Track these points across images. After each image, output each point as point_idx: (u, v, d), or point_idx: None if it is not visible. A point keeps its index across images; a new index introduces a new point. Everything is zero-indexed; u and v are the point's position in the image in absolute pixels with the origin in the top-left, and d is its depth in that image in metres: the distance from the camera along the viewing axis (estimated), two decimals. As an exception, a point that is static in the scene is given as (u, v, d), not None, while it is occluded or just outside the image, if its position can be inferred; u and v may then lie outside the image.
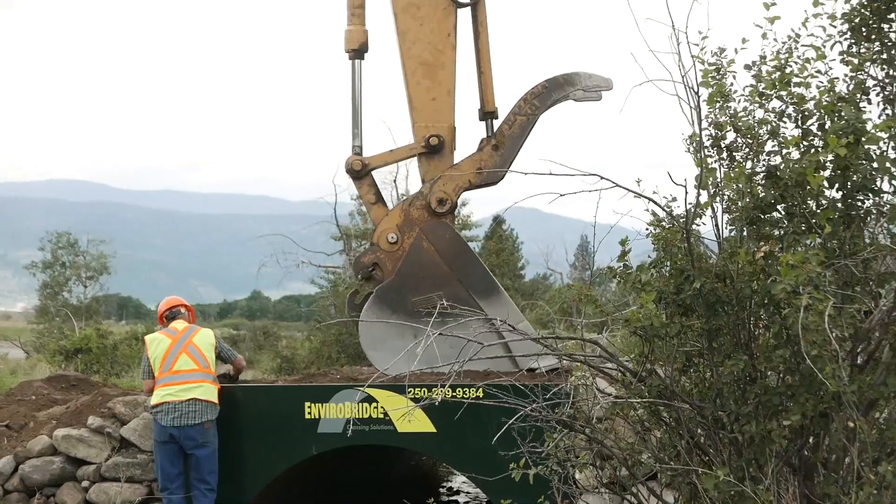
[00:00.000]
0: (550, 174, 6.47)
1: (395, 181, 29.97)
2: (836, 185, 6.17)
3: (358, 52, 12.21)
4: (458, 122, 12.12)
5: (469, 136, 12.35)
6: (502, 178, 11.95)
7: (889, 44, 6.30)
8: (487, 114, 12.33)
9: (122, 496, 11.08)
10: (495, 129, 12.19)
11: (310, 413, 10.97)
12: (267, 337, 35.81)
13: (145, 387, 11.24)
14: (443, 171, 11.89)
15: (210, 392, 10.76)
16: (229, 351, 11.35)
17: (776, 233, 6.37)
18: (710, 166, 6.48)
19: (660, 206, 6.73)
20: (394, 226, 11.87)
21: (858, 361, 6.23)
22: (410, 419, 10.41)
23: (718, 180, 6.46)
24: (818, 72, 6.30)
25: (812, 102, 6.27)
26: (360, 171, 12.03)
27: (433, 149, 11.87)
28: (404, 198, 11.67)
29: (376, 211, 12.12)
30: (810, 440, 6.40)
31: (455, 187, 11.83)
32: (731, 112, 6.49)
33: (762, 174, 6.35)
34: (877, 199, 6.27)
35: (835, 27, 6.32)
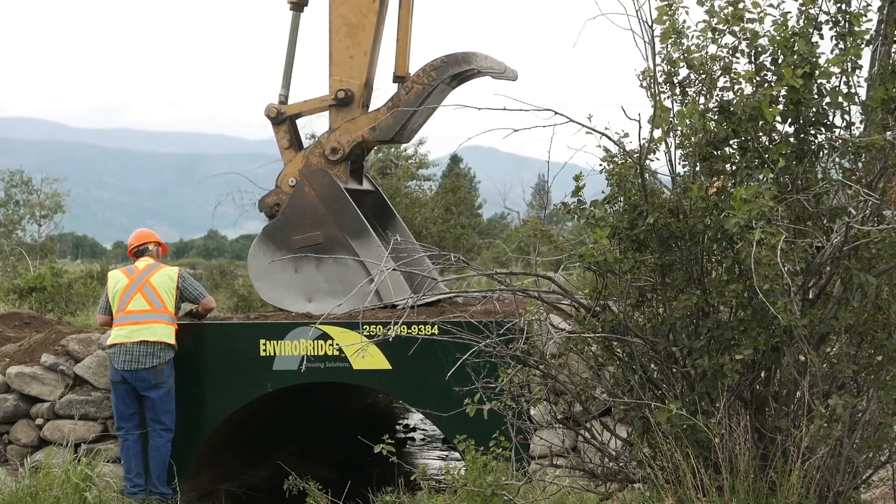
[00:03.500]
0: (505, 109, 6.45)
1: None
2: (789, 120, 6.18)
3: (297, 4, 12.97)
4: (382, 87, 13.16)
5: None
6: (399, 137, 12.82)
7: (842, -22, 6.27)
8: (398, 78, 12.92)
9: (76, 433, 11.07)
10: None
11: (265, 350, 10.98)
12: (224, 276, 35.59)
13: (98, 320, 11.38)
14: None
15: (161, 332, 10.68)
16: (196, 290, 11.23)
17: (729, 168, 6.38)
18: (663, 103, 6.46)
19: (613, 140, 6.71)
20: (295, 170, 12.61)
21: (810, 296, 6.26)
22: (363, 355, 10.43)
23: (672, 117, 6.45)
24: (770, 5, 6.27)
25: (765, 38, 6.26)
26: (276, 118, 12.82)
27: (342, 102, 12.52)
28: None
29: (287, 155, 12.83)
30: (762, 374, 6.44)
31: (349, 139, 12.53)
32: (684, 48, 6.47)
33: (715, 110, 6.34)
34: (829, 134, 6.28)
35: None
